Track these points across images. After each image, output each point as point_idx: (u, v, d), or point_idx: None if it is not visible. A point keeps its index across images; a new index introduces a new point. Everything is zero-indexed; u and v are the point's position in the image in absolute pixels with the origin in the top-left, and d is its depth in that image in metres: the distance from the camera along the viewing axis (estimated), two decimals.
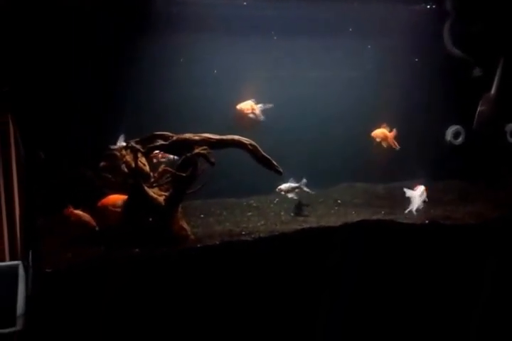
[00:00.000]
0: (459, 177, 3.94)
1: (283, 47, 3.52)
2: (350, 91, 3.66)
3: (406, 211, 3.18)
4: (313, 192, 3.37)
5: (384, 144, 3.49)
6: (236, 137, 2.87)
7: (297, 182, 3.33)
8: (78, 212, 2.72)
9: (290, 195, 3.34)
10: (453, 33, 3.66)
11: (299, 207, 3.40)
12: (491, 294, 2.96)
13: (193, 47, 3.35)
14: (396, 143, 3.51)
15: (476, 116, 3.56)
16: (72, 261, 2.39)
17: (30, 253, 2.54)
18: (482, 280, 2.96)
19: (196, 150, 2.74)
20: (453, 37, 3.66)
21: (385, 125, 3.53)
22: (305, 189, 3.34)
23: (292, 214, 3.32)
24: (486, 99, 3.58)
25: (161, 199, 2.70)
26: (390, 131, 3.51)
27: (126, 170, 2.72)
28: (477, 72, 3.67)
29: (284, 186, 3.33)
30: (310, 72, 3.64)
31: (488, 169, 3.87)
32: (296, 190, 3.34)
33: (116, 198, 2.79)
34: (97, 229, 2.70)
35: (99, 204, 2.79)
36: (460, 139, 3.62)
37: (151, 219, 2.74)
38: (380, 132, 3.51)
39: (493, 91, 3.59)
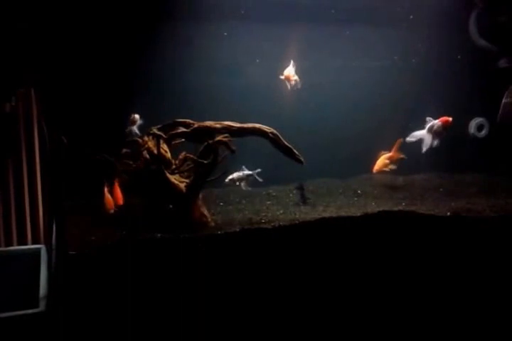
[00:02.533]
0: (482, 170, 3.88)
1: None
2: (375, 81, 3.63)
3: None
4: (261, 180, 3.20)
5: (390, 168, 3.42)
6: (257, 125, 2.86)
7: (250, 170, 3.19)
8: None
9: (242, 185, 3.15)
10: (479, 24, 3.59)
11: (302, 196, 3.38)
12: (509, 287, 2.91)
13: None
14: (401, 154, 3.42)
15: (501, 108, 3.48)
16: (96, 244, 2.41)
17: (54, 236, 2.57)
18: (502, 273, 2.91)
19: (217, 138, 2.75)
20: (479, 28, 3.59)
21: (382, 152, 3.47)
22: (257, 178, 3.18)
23: (300, 203, 3.30)
24: (510, 91, 3.50)
25: (182, 185, 2.71)
26: (390, 151, 3.44)
27: (148, 156, 2.74)
28: (503, 63, 3.59)
29: (235, 175, 3.14)
30: (334, 61, 3.61)
31: (511, 162, 3.80)
32: (244, 180, 3.17)
33: None
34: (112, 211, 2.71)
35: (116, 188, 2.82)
36: (484, 132, 3.56)
37: (171, 206, 2.76)
38: (381, 164, 3.45)
39: None
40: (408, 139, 3.32)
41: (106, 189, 2.77)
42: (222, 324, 2.55)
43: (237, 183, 3.15)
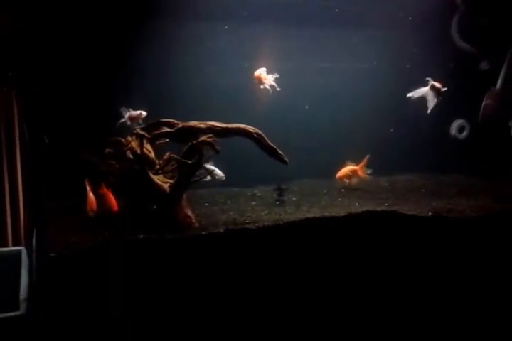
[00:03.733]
0: (463, 171, 3.95)
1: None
2: (360, 84, 3.68)
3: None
4: (223, 178, 3.23)
5: (353, 181, 3.45)
6: (242, 125, 2.86)
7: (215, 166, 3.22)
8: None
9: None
10: (461, 27, 3.65)
11: (280, 194, 3.40)
12: (491, 286, 2.98)
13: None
14: (367, 173, 3.47)
15: (481, 110, 3.56)
16: (77, 246, 2.38)
17: (34, 238, 2.53)
18: (483, 272, 2.97)
19: (201, 138, 2.74)
20: (461, 30, 3.65)
21: (348, 162, 3.51)
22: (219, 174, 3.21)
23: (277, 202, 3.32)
24: (491, 93, 3.57)
25: (166, 186, 2.70)
26: (358, 164, 3.47)
27: (131, 156, 2.72)
28: (484, 65, 3.66)
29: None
30: (320, 63, 3.64)
31: (492, 163, 3.88)
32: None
33: None
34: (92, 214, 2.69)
35: (102, 190, 2.79)
36: (464, 133, 3.63)
37: (155, 207, 2.74)
38: (343, 174, 3.48)
39: (498, 85, 3.58)
40: (410, 95, 3.29)
41: (88, 190, 2.74)
42: (208, 325, 2.55)
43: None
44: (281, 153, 2.86)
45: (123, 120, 3.08)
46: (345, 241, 2.81)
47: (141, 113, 3.10)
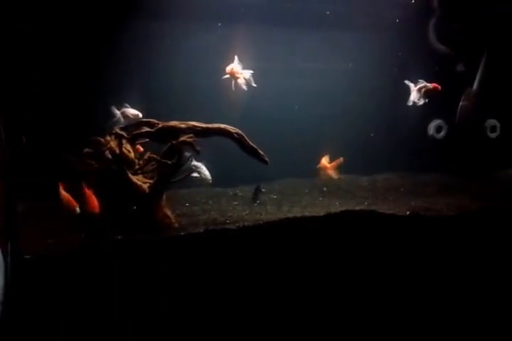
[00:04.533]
0: (440, 170, 4.03)
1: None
2: (335, 84, 3.71)
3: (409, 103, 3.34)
4: (210, 181, 3.22)
5: (322, 174, 3.47)
6: (222, 125, 2.87)
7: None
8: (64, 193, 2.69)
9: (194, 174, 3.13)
10: (438, 29, 3.72)
11: (256, 193, 3.43)
12: (469, 283, 3.04)
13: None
14: (337, 173, 3.47)
15: (458, 110, 3.63)
16: (53, 248, 2.35)
17: (10, 240, 2.49)
18: (460, 269, 3.03)
19: (182, 138, 2.74)
20: (437, 33, 3.72)
21: (326, 155, 3.51)
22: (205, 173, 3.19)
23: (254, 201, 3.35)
24: (468, 94, 3.65)
25: (145, 186, 2.68)
26: (332, 161, 3.48)
27: (109, 156, 2.69)
28: (460, 67, 3.74)
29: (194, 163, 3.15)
30: (301, 63, 3.67)
31: (468, 162, 3.96)
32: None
33: None
34: (77, 211, 2.65)
35: (83, 190, 2.75)
36: (442, 133, 3.70)
37: (135, 207, 2.72)
38: (322, 165, 3.48)
39: (475, 86, 3.67)
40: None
41: (61, 190, 2.68)
42: (189, 327, 2.54)
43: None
44: (261, 153, 2.87)
45: (115, 119, 2.96)
46: (325, 241, 2.83)
47: (138, 114, 3.00)
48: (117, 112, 2.98)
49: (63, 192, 2.67)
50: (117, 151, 2.67)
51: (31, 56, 2.94)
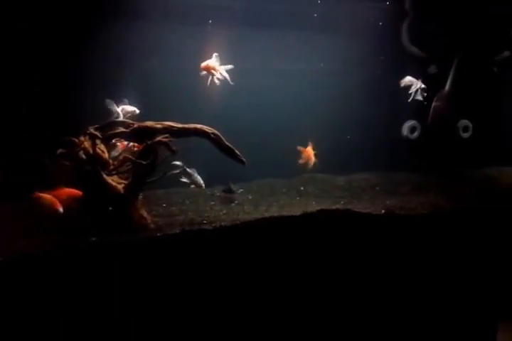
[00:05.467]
0: (414, 169, 4.11)
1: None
2: (312, 85, 3.75)
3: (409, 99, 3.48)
4: (203, 186, 3.26)
5: (301, 160, 3.53)
6: (199, 126, 2.87)
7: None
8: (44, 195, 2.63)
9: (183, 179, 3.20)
10: (411, 32, 3.80)
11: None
12: (443, 279, 3.11)
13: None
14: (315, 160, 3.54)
15: (431, 111, 3.71)
16: (26, 250, 2.31)
17: None
18: (432, 266, 3.10)
19: (157, 138, 2.72)
20: (411, 35, 3.80)
21: (310, 144, 3.55)
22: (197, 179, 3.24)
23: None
24: (440, 95, 3.73)
25: (120, 187, 2.66)
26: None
27: (83, 157, 2.66)
28: (432, 69, 3.82)
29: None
30: (278, 64, 3.70)
31: (441, 162, 4.05)
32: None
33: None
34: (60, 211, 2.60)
35: (56, 191, 2.70)
36: (416, 134, 3.77)
37: (110, 208, 2.69)
38: (308, 154, 3.53)
39: (447, 88, 3.75)
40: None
41: (36, 191, 2.63)
42: (164, 329, 2.53)
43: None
44: (238, 153, 2.88)
45: (114, 115, 2.93)
46: (302, 240, 2.85)
47: (134, 110, 3.00)
48: (116, 109, 2.95)
49: (43, 193, 2.62)
50: (91, 151, 2.64)
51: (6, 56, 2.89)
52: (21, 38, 3.02)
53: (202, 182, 3.21)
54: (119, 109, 2.95)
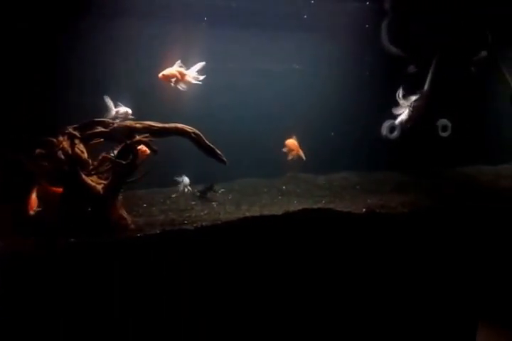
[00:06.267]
0: (394, 169, 4.16)
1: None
2: (298, 86, 3.78)
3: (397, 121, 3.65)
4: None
5: (291, 155, 3.56)
6: (179, 125, 2.85)
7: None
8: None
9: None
10: (390, 32, 3.84)
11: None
12: (422, 278, 3.15)
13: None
14: (303, 154, 3.59)
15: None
16: (2, 251, 2.26)
17: None
18: (413, 264, 3.14)
19: (137, 138, 2.70)
20: (390, 35, 3.84)
21: (294, 136, 3.59)
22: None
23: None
24: (419, 95, 3.78)
25: (100, 187, 2.63)
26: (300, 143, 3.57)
27: (62, 157, 2.62)
28: (411, 69, 3.87)
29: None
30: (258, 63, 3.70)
31: (421, 161, 4.11)
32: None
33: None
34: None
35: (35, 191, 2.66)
36: (395, 133, 3.81)
37: (90, 209, 2.66)
38: (291, 143, 3.58)
39: (426, 87, 3.80)
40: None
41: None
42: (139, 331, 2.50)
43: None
44: (219, 152, 2.88)
45: (110, 113, 2.94)
46: (283, 239, 2.86)
47: (127, 111, 2.99)
48: (112, 107, 2.95)
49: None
50: (70, 152, 2.60)
51: None
52: None
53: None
54: (114, 108, 2.95)
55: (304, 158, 3.59)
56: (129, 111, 2.99)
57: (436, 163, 4.20)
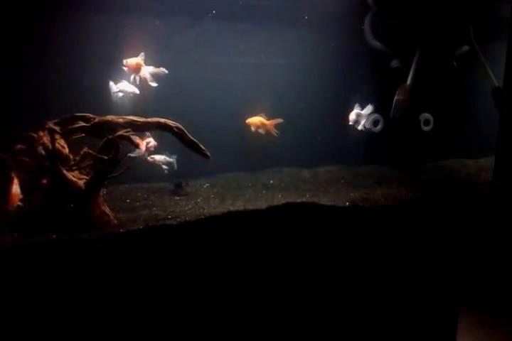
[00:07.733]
0: (377, 162, 4.20)
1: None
2: (280, 79, 3.77)
3: (359, 128, 3.75)
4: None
5: (262, 131, 3.53)
6: (162, 120, 2.84)
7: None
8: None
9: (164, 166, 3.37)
10: (373, 26, 3.86)
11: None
12: (404, 269, 3.20)
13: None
14: (274, 130, 3.56)
15: (393, 105, 3.79)
16: None
17: None
18: (396, 258, 3.19)
19: (119, 133, 2.68)
20: (373, 29, 3.86)
21: (262, 114, 3.57)
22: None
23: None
24: (402, 89, 3.81)
25: (81, 182, 2.60)
26: (268, 120, 3.55)
27: (42, 152, 2.59)
28: (395, 63, 3.90)
29: (158, 157, 3.36)
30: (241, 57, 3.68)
31: (403, 155, 4.15)
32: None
33: None
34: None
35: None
36: (379, 127, 3.84)
37: (71, 205, 2.63)
38: (256, 120, 3.55)
39: (408, 82, 3.83)
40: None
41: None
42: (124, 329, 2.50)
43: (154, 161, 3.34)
44: (202, 147, 2.87)
45: (113, 93, 3.00)
46: (267, 233, 2.87)
47: (134, 91, 3.06)
48: (115, 87, 2.98)
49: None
50: (50, 147, 2.57)
51: None
52: None
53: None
54: (116, 87, 3.01)
55: (274, 134, 3.56)
56: (136, 90, 3.07)
57: (418, 157, 4.25)
